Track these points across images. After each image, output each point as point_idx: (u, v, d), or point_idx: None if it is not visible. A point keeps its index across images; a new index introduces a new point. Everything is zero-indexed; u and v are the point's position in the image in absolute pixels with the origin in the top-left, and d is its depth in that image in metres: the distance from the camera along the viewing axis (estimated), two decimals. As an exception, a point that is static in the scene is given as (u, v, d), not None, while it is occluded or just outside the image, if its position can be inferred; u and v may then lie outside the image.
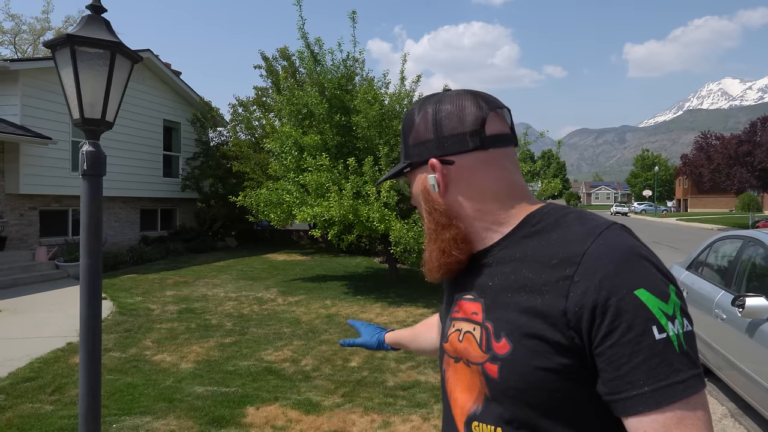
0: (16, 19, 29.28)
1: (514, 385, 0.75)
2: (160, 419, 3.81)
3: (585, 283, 0.71)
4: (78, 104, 1.92)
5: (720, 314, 4.08)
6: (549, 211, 0.85)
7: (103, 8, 2.00)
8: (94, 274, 1.96)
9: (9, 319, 7.01)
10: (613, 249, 0.73)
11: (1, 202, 10.80)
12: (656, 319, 0.68)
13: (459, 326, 0.88)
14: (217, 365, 5.10)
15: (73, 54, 1.87)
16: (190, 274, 10.91)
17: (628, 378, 0.68)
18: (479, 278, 0.86)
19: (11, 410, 3.94)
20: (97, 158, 1.96)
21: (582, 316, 0.71)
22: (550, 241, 0.79)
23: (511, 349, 0.76)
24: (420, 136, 0.89)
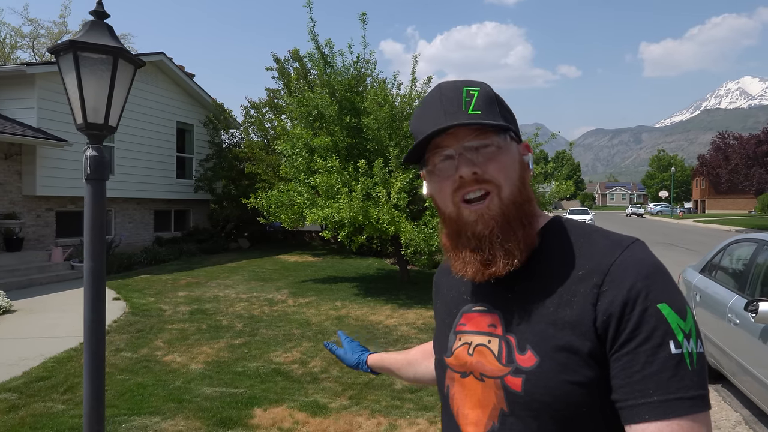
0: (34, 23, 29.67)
1: (539, 398, 0.74)
2: (168, 420, 3.84)
3: (613, 292, 0.73)
4: (81, 109, 1.94)
5: (733, 319, 4.01)
6: (565, 223, 0.86)
7: (106, 14, 2.02)
8: (98, 277, 1.98)
9: (24, 318, 7.12)
10: (641, 262, 0.75)
11: (18, 203, 10.99)
12: (674, 334, 0.70)
13: (467, 339, 0.86)
14: (226, 366, 5.13)
15: (76, 59, 1.89)
16: (202, 275, 10.99)
17: (638, 386, 0.69)
18: (493, 290, 0.85)
19: (24, 409, 4.00)
20: (100, 163, 1.99)
21: (609, 324, 0.72)
22: (575, 253, 0.80)
23: (538, 361, 0.75)
24: (509, 112, 0.88)
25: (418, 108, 0.88)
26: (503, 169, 0.81)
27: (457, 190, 0.81)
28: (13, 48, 28.93)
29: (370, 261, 14.15)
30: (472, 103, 0.81)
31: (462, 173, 0.80)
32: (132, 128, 13.37)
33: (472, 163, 0.80)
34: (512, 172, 0.82)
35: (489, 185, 0.80)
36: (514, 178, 0.82)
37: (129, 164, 13.35)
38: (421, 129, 0.84)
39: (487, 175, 0.80)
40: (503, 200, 0.80)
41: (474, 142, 0.80)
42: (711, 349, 4.51)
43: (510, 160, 0.82)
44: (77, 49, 1.88)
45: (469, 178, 0.80)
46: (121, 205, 13.67)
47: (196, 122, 16.32)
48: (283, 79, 15.48)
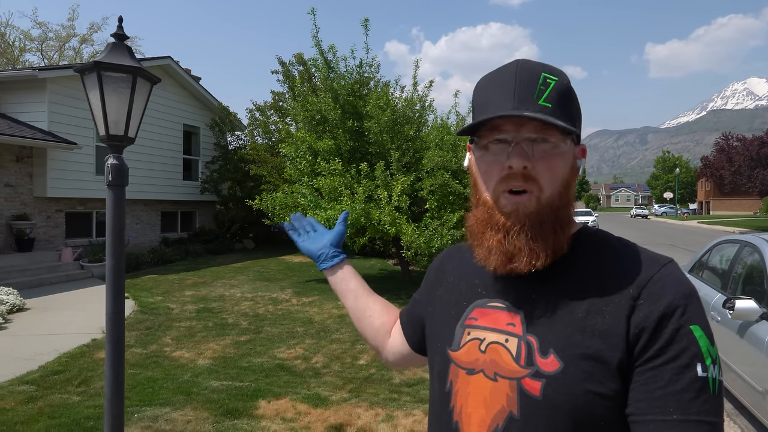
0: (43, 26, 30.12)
1: (558, 405, 0.73)
2: (178, 410, 4.07)
3: (649, 306, 0.73)
4: (104, 122, 2.16)
5: (715, 317, 4.19)
6: (596, 233, 0.86)
7: (126, 36, 2.25)
8: (118, 274, 2.20)
9: (37, 316, 7.37)
10: (680, 282, 0.75)
11: (29, 204, 11.27)
12: (703, 357, 0.70)
13: (479, 335, 0.83)
14: (232, 362, 5.36)
15: (100, 78, 2.11)
16: (208, 275, 11.24)
17: (659, 402, 0.69)
18: (514, 288, 0.83)
19: (42, 400, 4.24)
20: (120, 170, 2.20)
21: (640, 337, 0.72)
22: (610, 263, 0.79)
23: (561, 367, 0.74)
24: (578, 110, 0.85)
25: (489, 77, 0.84)
26: (552, 170, 0.79)
27: (502, 180, 0.79)
28: (22, 51, 29.32)
29: (373, 262, 14.36)
30: (545, 94, 0.78)
31: (513, 163, 0.77)
32: (140, 131, 13.58)
33: (525, 155, 0.78)
34: (560, 175, 0.80)
35: (533, 185, 0.78)
36: (558, 181, 0.80)
37: (137, 166, 13.61)
38: (487, 102, 0.81)
39: (535, 172, 0.78)
40: (541, 202, 0.79)
41: (534, 134, 0.78)
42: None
43: (562, 163, 0.80)
44: (101, 69, 2.10)
45: (518, 171, 0.78)
46: (129, 207, 13.93)
47: (202, 125, 16.59)
48: (287, 83, 15.74)
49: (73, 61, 29.62)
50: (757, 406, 3.55)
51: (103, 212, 13.26)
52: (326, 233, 1.23)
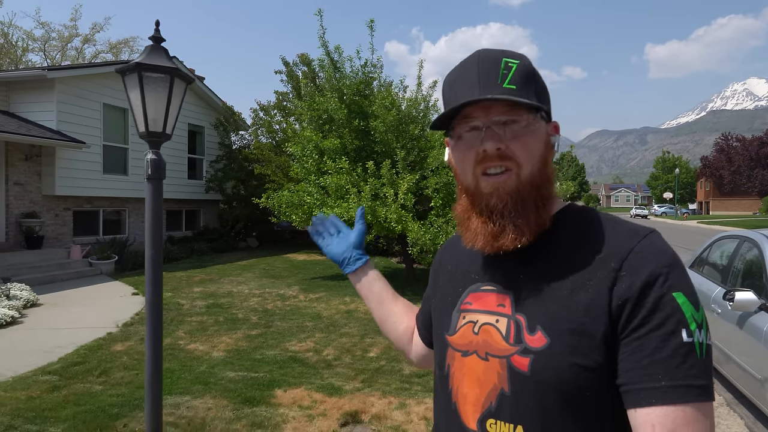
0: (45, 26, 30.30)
1: (546, 379, 0.75)
2: (198, 398, 4.22)
3: (631, 277, 0.74)
4: (144, 120, 2.30)
5: (716, 309, 4.34)
6: (581, 209, 0.87)
7: (162, 38, 2.39)
8: (157, 263, 2.35)
9: (51, 311, 7.51)
10: (661, 251, 0.76)
11: (38, 203, 11.41)
12: (687, 323, 0.71)
13: (473, 318, 0.86)
14: (245, 354, 5.50)
15: (140, 79, 2.26)
16: (215, 273, 11.38)
17: (647, 370, 0.70)
18: (503, 270, 0.85)
19: (66, 389, 4.39)
20: (158, 165, 2.35)
21: (624, 308, 0.73)
22: (592, 238, 0.80)
23: (548, 342, 0.75)
24: (545, 89, 0.86)
25: (454, 72, 0.86)
26: (527, 147, 0.80)
27: (479, 164, 0.81)
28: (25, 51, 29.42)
29: (376, 260, 14.50)
30: (509, 76, 0.80)
31: (486, 147, 0.79)
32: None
33: (498, 138, 0.79)
34: (536, 152, 0.81)
35: (510, 162, 0.80)
36: (536, 158, 0.81)
37: (143, 165, 13.73)
38: (454, 95, 0.83)
39: (509, 151, 0.79)
40: (521, 179, 0.80)
41: (503, 116, 0.80)
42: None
43: (536, 140, 0.81)
44: (142, 70, 2.25)
45: (492, 153, 0.79)
46: (135, 205, 14.08)
47: (206, 124, 16.73)
48: (291, 83, 15.89)
49: (75, 61, 29.77)
50: (757, 394, 3.70)
51: (108, 210, 13.42)
52: (349, 234, 1.23)
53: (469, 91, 0.80)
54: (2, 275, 8.86)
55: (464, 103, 0.79)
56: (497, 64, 0.81)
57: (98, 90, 12.40)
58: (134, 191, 13.55)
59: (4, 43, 27.92)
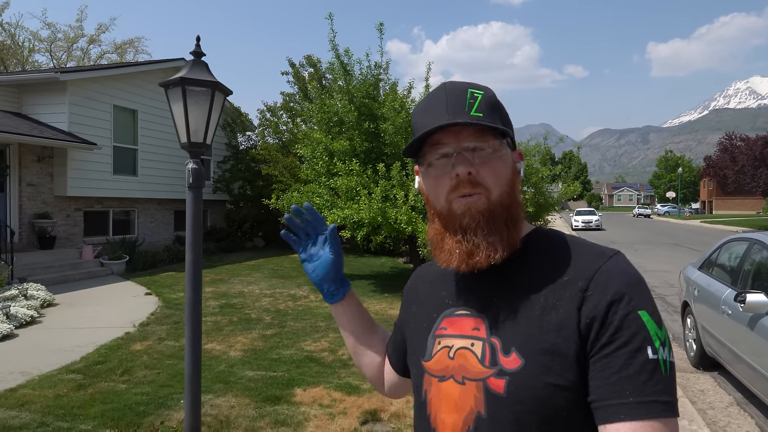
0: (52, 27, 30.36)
1: (521, 399, 0.76)
2: (220, 397, 4.33)
3: (597, 296, 0.77)
4: (186, 131, 2.41)
5: (726, 310, 4.44)
6: (549, 232, 0.92)
7: (203, 53, 2.50)
8: (197, 267, 2.46)
9: (67, 311, 7.64)
10: (625, 271, 0.80)
11: (50, 203, 11.55)
12: (652, 340, 0.74)
13: (448, 343, 0.87)
14: (262, 353, 5.62)
15: (184, 92, 2.37)
16: (224, 273, 11.50)
17: (615, 387, 0.73)
18: (476, 294, 0.88)
19: (91, 387, 4.51)
20: (198, 173, 2.46)
21: (591, 326, 0.76)
22: (560, 259, 0.84)
23: (522, 363, 0.78)
24: (508, 119, 0.91)
25: (422, 102, 0.91)
26: (496, 173, 0.84)
27: (452, 190, 0.84)
28: (32, 52, 29.58)
29: (383, 260, 14.62)
30: (475, 105, 0.84)
31: (458, 171, 0.82)
32: (154, 131, 13.92)
33: (468, 162, 0.83)
34: (504, 177, 0.85)
35: (480, 188, 0.83)
36: (504, 182, 0.85)
37: (151, 166, 13.89)
38: (424, 123, 0.86)
39: (479, 177, 0.83)
40: (491, 200, 0.84)
41: (472, 143, 0.83)
42: (709, 340, 4.94)
43: (503, 166, 0.85)
44: (185, 84, 2.36)
45: (464, 177, 0.82)
46: (144, 205, 14.22)
47: (214, 125, 16.84)
48: (298, 84, 16.01)
49: (81, 61, 29.93)
50: (767, 393, 3.80)
51: (118, 210, 13.55)
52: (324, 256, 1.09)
53: (439, 118, 0.84)
54: (18, 275, 8.99)
55: (435, 129, 0.83)
56: (463, 93, 0.85)
57: (109, 92, 12.53)
58: (143, 192, 13.68)
59: (11, 44, 28.08)
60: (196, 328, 2.43)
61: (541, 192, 10.23)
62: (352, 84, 9.63)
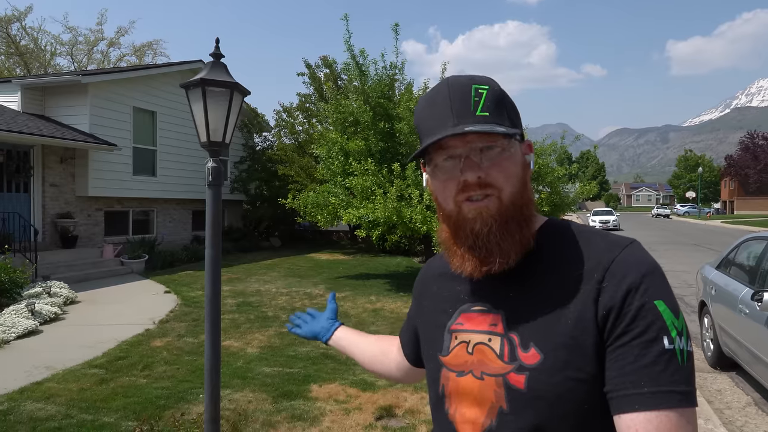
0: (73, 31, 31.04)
1: (542, 395, 0.76)
2: (238, 392, 4.42)
3: (613, 287, 0.76)
4: (206, 130, 2.48)
5: (744, 309, 4.41)
6: (561, 224, 0.90)
7: (222, 55, 2.58)
8: (216, 263, 2.53)
9: (89, 308, 7.82)
10: (640, 260, 0.79)
11: (72, 203, 11.81)
12: (668, 330, 0.73)
13: (465, 338, 0.87)
14: (279, 350, 5.70)
15: (204, 93, 2.44)
16: (241, 272, 11.65)
17: (630, 377, 0.72)
18: (492, 289, 0.87)
19: (113, 382, 4.63)
20: (218, 172, 2.53)
21: (608, 317, 0.75)
22: (575, 251, 0.83)
23: (541, 358, 0.77)
24: (515, 110, 0.89)
25: (424, 101, 0.88)
26: (506, 172, 0.82)
27: (460, 192, 0.83)
28: (53, 55, 30.21)
29: (399, 259, 14.66)
30: (480, 103, 0.82)
31: (467, 177, 0.81)
32: (172, 132, 14.15)
33: (477, 167, 0.81)
34: (514, 175, 0.83)
35: (490, 189, 0.81)
36: (515, 181, 0.83)
37: (170, 167, 14.12)
38: (428, 126, 0.84)
39: (490, 179, 0.81)
40: (503, 202, 0.82)
41: (480, 143, 0.81)
42: (726, 340, 4.90)
43: (513, 164, 0.83)
44: (205, 85, 2.43)
45: (473, 183, 0.81)
46: (163, 206, 14.45)
47: (231, 126, 17.05)
48: (314, 85, 16.14)
49: (101, 64, 30.47)
50: (785, 393, 3.77)
51: (138, 210, 13.78)
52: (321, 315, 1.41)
53: (444, 120, 0.82)
54: (42, 273, 9.22)
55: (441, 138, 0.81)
56: (468, 91, 0.82)
57: (129, 94, 12.77)
58: (162, 192, 13.91)
59: (33, 47, 28.70)
60: (215, 322, 2.50)
61: (556, 192, 10.20)
62: (367, 84, 9.71)
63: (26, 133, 9.84)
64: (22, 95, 11.72)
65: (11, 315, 6.50)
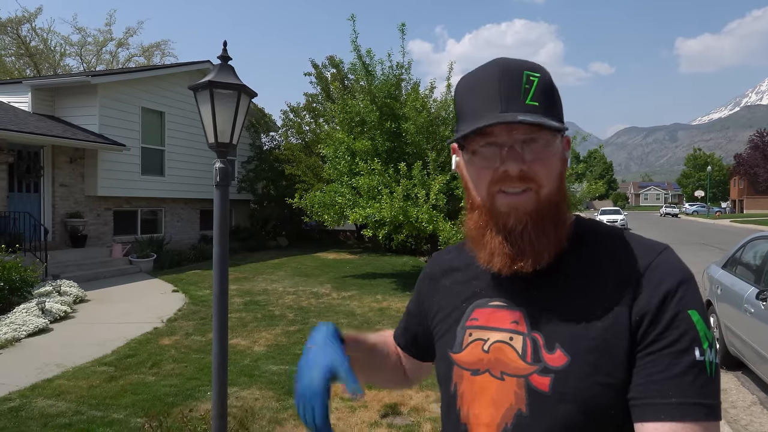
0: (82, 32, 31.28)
1: (567, 399, 0.74)
2: (245, 389, 4.47)
3: (648, 294, 0.74)
4: (213, 131, 2.53)
5: (749, 308, 4.41)
6: (593, 224, 0.87)
7: (229, 57, 2.62)
8: (223, 261, 2.58)
9: (98, 306, 7.91)
10: (676, 268, 0.77)
11: (81, 203, 11.93)
12: (701, 341, 0.71)
13: (482, 335, 0.83)
14: (285, 348, 5.76)
15: (212, 94, 2.49)
16: (248, 271, 11.73)
17: (658, 386, 0.70)
18: (514, 285, 0.82)
19: (122, 379, 4.70)
20: (226, 172, 2.58)
21: (641, 324, 0.73)
22: (607, 253, 0.80)
23: (568, 361, 0.75)
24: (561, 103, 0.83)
25: (469, 79, 0.82)
26: (548, 167, 0.78)
27: (495, 182, 0.78)
28: (63, 56, 30.47)
29: (405, 259, 14.70)
30: (531, 92, 0.76)
31: (509, 168, 0.76)
32: (181, 132, 14.25)
33: (520, 159, 0.76)
34: (555, 171, 0.80)
35: (531, 183, 0.77)
36: (555, 177, 0.80)
37: (178, 166, 14.23)
38: (472, 108, 0.79)
39: (532, 173, 0.77)
40: (541, 198, 0.78)
41: (525, 135, 0.76)
42: (732, 339, 4.90)
43: (555, 159, 0.79)
44: (213, 87, 2.48)
45: (514, 175, 0.76)
46: (171, 205, 14.56)
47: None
48: (321, 84, 16.20)
49: (110, 64, 30.69)
50: (790, 392, 3.77)
51: (146, 210, 13.89)
52: None
53: (490, 105, 0.76)
54: (51, 272, 9.33)
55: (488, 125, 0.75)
56: (519, 77, 0.77)
57: (137, 94, 12.88)
58: (170, 192, 14.01)
59: (43, 48, 28.96)
60: (223, 319, 2.55)
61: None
62: (374, 84, 9.75)
63: (37, 134, 9.96)
64: (32, 96, 11.85)
65: (22, 313, 6.60)
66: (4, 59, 27.69)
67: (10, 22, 26.92)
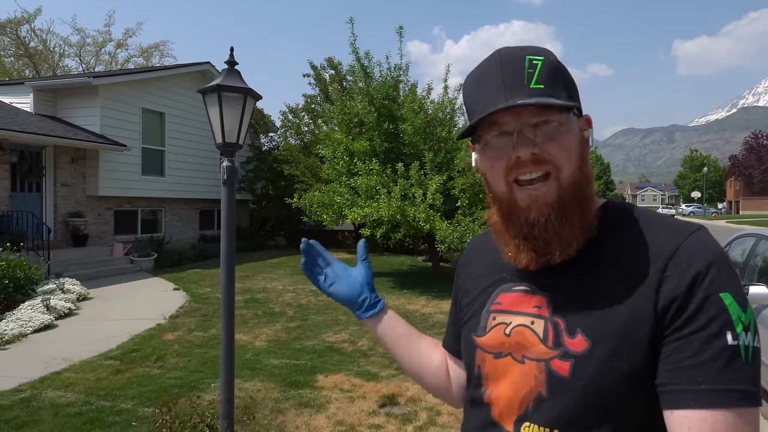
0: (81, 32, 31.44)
1: (587, 383, 0.72)
2: (248, 382, 4.63)
3: (676, 277, 0.71)
4: (221, 132, 2.69)
5: (733, 303, 4.58)
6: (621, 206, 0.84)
7: (236, 62, 2.78)
8: (230, 256, 2.74)
9: (101, 304, 8.05)
10: (707, 249, 0.72)
11: (82, 202, 12.06)
12: (733, 325, 0.68)
13: (505, 319, 0.83)
14: (286, 344, 5.91)
15: (220, 97, 2.64)
16: (248, 270, 11.87)
17: (687, 372, 0.67)
18: (538, 271, 0.80)
19: (128, 372, 4.85)
20: (233, 171, 2.74)
21: (669, 309, 0.70)
22: (635, 237, 0.77)
23: (589, 346, 0.73)
24: (573, 84, 0.81)
25: (473, 75, 0.81)
26: (564, 148, 0.75)
27: (510, 170, 0.76)
28: (62, 56, 30.57)
29: (403, 258, 14.85)
30: (534, 75, 0.75)
31: (520, 153, 0.74)
32: (181, 133, 14.40)
33: (531, 143, 0.74)
34: (573, 150, 0.76)
35: (548, 166, 0.75)
36: (574, 157, 0.76)
37: (178, 167, 14.37)
38: (478, 102, 0.78)
39: (546, 154, 0.74)
40: (562, 183, 0.75)
41: (534, 118, 0.74)
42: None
43: (571, 138, 0.76)
44: (221, 90, 2.64)
45: (526, 159, 0.74)
46: (171, 205, 14.70)
47: (237, 127, 17.29)
48: (319, 86, 16.36)
49: (109, 65, 30.81)
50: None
51: (147, 210, 14.03)
52: (352, 271, 1.09)
53: (494, 95, 0.75)
54: (54, 271, 9.47)
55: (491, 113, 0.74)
56: (521, 63, 0.75)
57: (138, 95, 13.02)
58: (170, 192, 14.15)
59: (42, 49, 29.06)
60: (230, 310, 2.71)
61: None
62: (372, 86, 9.91)
63: (39, 134, 10.10)
64: (34, 97, 11.99)
65: (28, 310, 6.74)
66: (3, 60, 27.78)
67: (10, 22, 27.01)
